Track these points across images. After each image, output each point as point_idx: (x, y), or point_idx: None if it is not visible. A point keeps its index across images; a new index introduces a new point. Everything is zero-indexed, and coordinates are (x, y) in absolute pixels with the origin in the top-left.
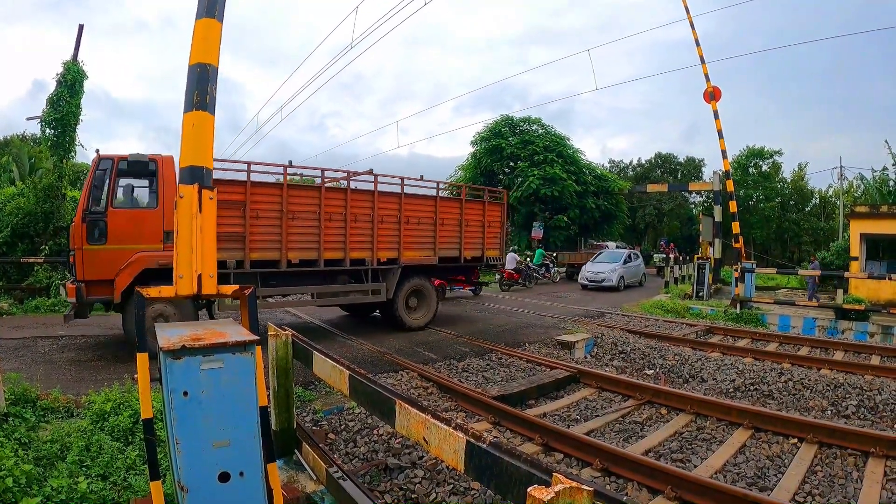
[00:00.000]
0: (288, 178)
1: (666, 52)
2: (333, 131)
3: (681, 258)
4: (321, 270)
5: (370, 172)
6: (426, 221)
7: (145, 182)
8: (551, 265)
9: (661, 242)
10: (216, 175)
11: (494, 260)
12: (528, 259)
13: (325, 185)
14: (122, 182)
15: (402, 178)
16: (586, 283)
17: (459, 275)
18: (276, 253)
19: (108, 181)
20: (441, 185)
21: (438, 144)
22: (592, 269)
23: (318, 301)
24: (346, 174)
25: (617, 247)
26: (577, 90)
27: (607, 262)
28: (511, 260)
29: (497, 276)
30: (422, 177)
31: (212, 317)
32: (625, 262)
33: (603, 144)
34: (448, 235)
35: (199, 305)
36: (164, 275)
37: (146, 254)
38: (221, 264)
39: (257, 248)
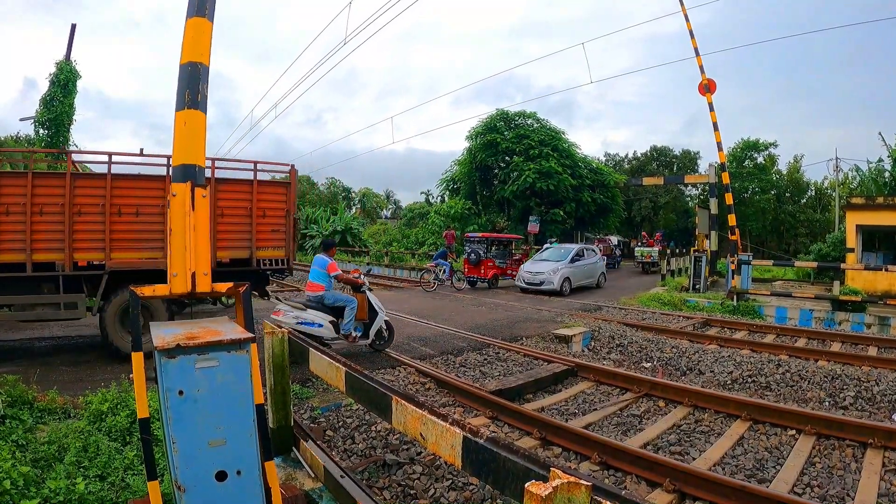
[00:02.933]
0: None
1: (665, 44)
2: (330, 126)
3: (677, 251)
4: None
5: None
6: (151, 212)
7: None
8: None
9: (644, 233)
10: None
11: (278, 262)
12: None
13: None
14: None
15: (109, 154)
16: (524, 285)
17: (218, 281)
18: None
19: None
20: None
21: (437, 139)
22: (531, 269)
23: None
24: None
25: (618, 241)
26: (575, 82)
27: (549, 261)
28: None
29: None
30: (141, 150)
31: None
32: (573, 260)
33: (604, 137)
34: None
35: None
36: None
37: None
38: None
39: None
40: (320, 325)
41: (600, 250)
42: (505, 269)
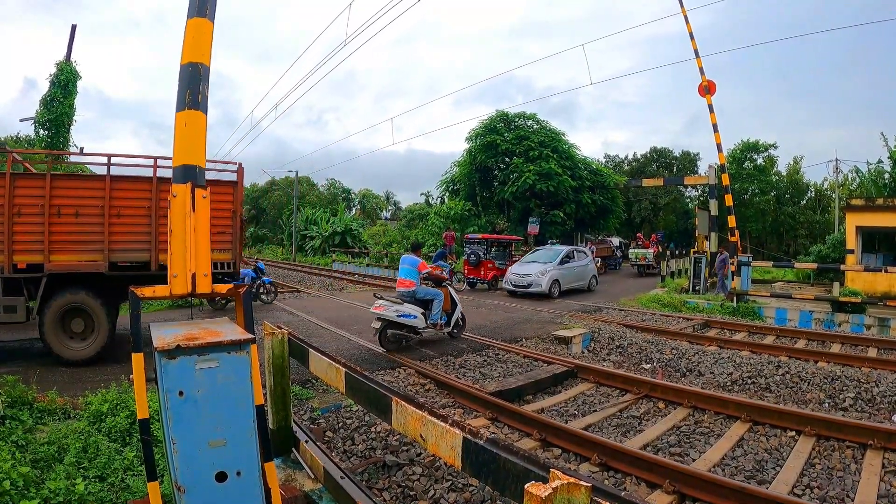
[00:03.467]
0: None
1: (667, 44)
2: (330, 127)
3: (676, 252)
4: None
5: None
6: (91, 212)
7: None
8: None
9: (640, 234)
10: None
11: (223, 266)
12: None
13: None
14: None
15: (49, 154)
16: (511, 287)
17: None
18: None
19: None
20: (115, 160)
21: (437, 140)
22: (518, 271)
23: None
24: None
25: (620, 242)
26: (577, 82)
27: (537, 263)
28: None
29: None
30: (82, 149)
31: None
32: (562, 262)
33: (605, 137)
34: (131, 231)
35: None
36: None
37: None
38: None
39: None
40: (415, 317)
41: (594, 252)
42: (504, 270)
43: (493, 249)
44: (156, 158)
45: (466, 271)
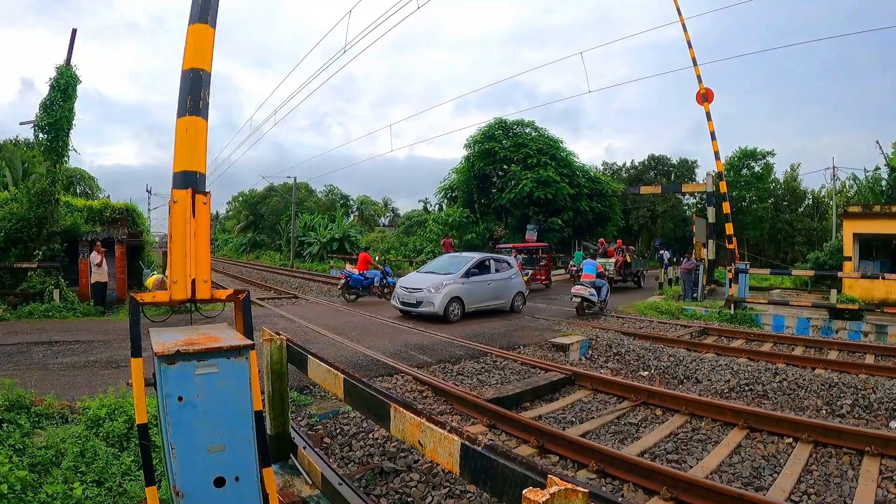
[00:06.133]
0: None
1: (668, 51)
2: (331, 132)
3: (674, 259)
4: None
5: None
6: None
7: None
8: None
9: (602, 240)
10: None
11: None
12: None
13: None
14: None
15: None
16: (399, 305)
17: None
18: None
19: None
20: None
21: (437, 146)
22: (407, 284)
23: None
24: None
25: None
26: (579, 88)
27: (435, 274)
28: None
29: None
30: None
31: None
32: (468, 274)
33: (609, 143)
34: None
35: None
36: None
37: None
38: None
39: None
40: (595, 295)
41: (521, 261)
42: (531, 276)
43: (520, 256)
44: None
45: None
